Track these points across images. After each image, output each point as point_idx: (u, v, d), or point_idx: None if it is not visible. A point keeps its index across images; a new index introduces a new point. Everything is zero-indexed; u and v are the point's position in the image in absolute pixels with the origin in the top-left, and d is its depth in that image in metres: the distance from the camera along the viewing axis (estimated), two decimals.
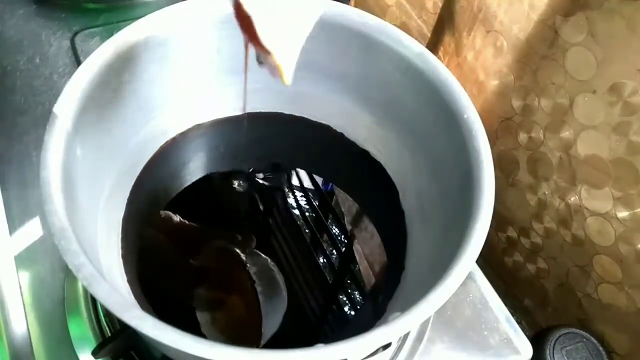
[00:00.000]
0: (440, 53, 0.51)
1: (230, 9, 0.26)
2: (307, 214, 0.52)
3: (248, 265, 0.43)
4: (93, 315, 0.37)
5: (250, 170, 0.52)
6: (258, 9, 0.24)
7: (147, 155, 0.37)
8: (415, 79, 0.33)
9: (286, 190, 0.53)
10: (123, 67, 0.32)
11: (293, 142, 0.41)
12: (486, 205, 0.29)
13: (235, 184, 0.51)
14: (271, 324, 0.41)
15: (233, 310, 0.42)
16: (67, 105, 0.29)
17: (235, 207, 0.49)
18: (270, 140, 0.42)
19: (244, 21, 0.25)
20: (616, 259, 0.39)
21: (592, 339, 0.40)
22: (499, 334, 0.37)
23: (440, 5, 0.49)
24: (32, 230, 0.42)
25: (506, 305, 0.39)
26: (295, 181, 0.51)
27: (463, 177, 0.31)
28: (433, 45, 0.52)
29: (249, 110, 0.39)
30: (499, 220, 0.49)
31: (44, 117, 0.28)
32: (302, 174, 0.49)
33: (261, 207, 0.50)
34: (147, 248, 0.37)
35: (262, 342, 0.40)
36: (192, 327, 0.24)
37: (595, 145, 0.38)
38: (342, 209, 0.49)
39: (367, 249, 0.45)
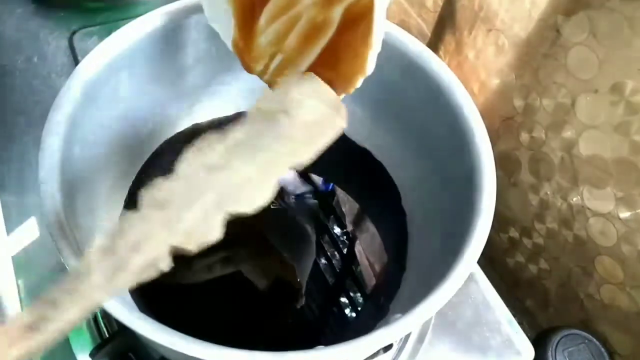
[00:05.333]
0: (440, 52, 0.51)
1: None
2: (306, 214, 0.52)
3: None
4: (91, 317, 0.37)
5: None
6: None
7: (145, 154, 0.37)
8: (415, 77, 0.33)
9: (285, 190, 0.53)
10: (122, 65, 0.31)
11: None
12: (487, 206, 0.28)
13: None
14: (304, 271, 0.41)
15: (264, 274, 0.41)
16: (65, 105, 0.28)
17: None
18: None
19: None
20: (618, 259, 0.39)
21: (594, 340, 0.39)
22: (501, 335, 0.37)
23: (440, 3, 0.49)
24: (30, 230, 0.42)
25: (508, 306, 0.39)
26: (294, 181, 0.51)
27: (464, 177, 0.31)
28: (433, 44, 0.51)
29: (248, 109, 0.39)
30: (500, 221, 0.48)
31: (43, 117, 0.28)
32: (302, 173, 0.49)
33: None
34: None
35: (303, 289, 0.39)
36: (191, 328, 0.24)
37: (597, 145, 0.37)
38: (343, 210, 0.49)
39: (368, 250, 0.44)
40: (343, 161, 0.42)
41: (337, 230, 0.51)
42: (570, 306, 0.44)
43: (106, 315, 0.37)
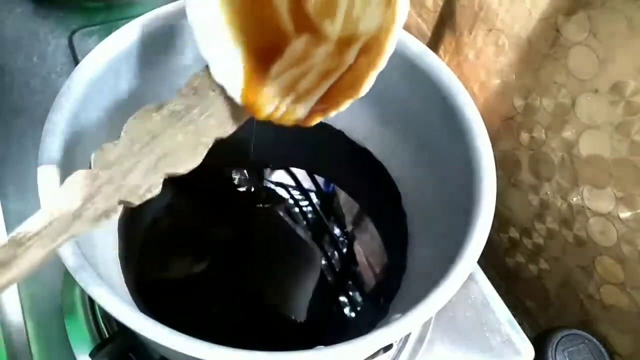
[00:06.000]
0: (440, 52, 0.51)
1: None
2: (307, 214, 0.52)
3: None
4: (91, 317, 0.37)
5: (249, 170, 0.52)
6: None
7: None
8: (416, 77, 0.33)
9: (285, 190, 0.53)
10: (122, 65, 0.31)
11: (292, 140, 0.41)
12: (488, 206, 0.28)
13: (234, 184, 0.51)
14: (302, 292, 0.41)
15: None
16: (65, 105, 0.28)
17: (233, 208, 0.49)
18: (268, 139, 0.41)
19: None
20: (618, 259, 0.39)
21: (594, 340, 0.39)
22: (501, 335, 0.37)
23: (440, 3, 0.49)
24: None
25: (508, 306, 0.39)
26: (294, 181, 0.51)
27: (464, 177, 0.31)
28: (433, 44, 0.51)
29: None
30: (500, 221, 0.48)
31: (42, 117, 0.28)
32: (302, 173, 0.49)
33: (260, 207, 0.50)
34: (145, 248, 0.37)
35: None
36: (191, 328, 0.24)
37: (598, 145, 0.37)
38: (343, 210, 0.49)
39: (368, 250, 0.44)
40: (343, 161, 0.42)
41: (337, 230, 0.51)
42: (570, 306, 0.44)
43: (106, 316, 0.37)
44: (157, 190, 0.24)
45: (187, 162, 0.25)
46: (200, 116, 0.26)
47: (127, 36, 0.31)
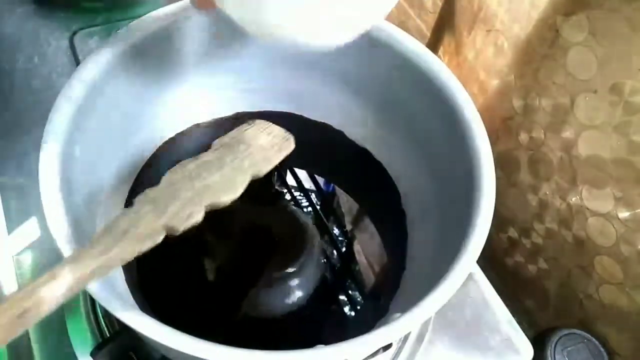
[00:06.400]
0: (440, 53, 0.51)
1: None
2: (307, 214, 0.52)
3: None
4: (92, 316, 0.37)
5: None
6: None
7: (146, 155, 0.37)
8: (415, 78, 0.33)
9: (286, 190, 0.53)
10: (122, 66, 0.31)
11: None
12: (487, 206, 0.29)
13: None
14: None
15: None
16: (65, 106, 0.29)
17: (234, 207, 0.49)
18: None
19: None
20: (617, 259, 0.39)
21: (594, 339, 0.39)
22: (500, 334, 0.37)
23: (439, 4, 0.49)
24: (30, 231, 0.42)
25: (507, 306, 0.39)
26: (294, 181, 0.51)
27: (463, 177, 0.31)
28: (433, 44, 0.52)
29: (247, 109, 0.39)
30: (499, 221, 0.48)
31: (43, 117, 0.28)
32: (302, 173, 0.49)
33: (260, 207, 0.50)
34: None
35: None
36: (191, 328, 0.24)
37: (597, 145, 0.38)
38: (343, 210, 0.49)
39: (368, 250, 0.44)
40: (343, 161, 0.42)
41: (337, 230, 0.51)
42: (569, 306, 0.44)
43: (107, 315, 0.37)
44: (199, 217, 0.26)
45: (227, 194, 0.27)
46: (235, 160, 0.29)
47: (127, 37, 0.31)
